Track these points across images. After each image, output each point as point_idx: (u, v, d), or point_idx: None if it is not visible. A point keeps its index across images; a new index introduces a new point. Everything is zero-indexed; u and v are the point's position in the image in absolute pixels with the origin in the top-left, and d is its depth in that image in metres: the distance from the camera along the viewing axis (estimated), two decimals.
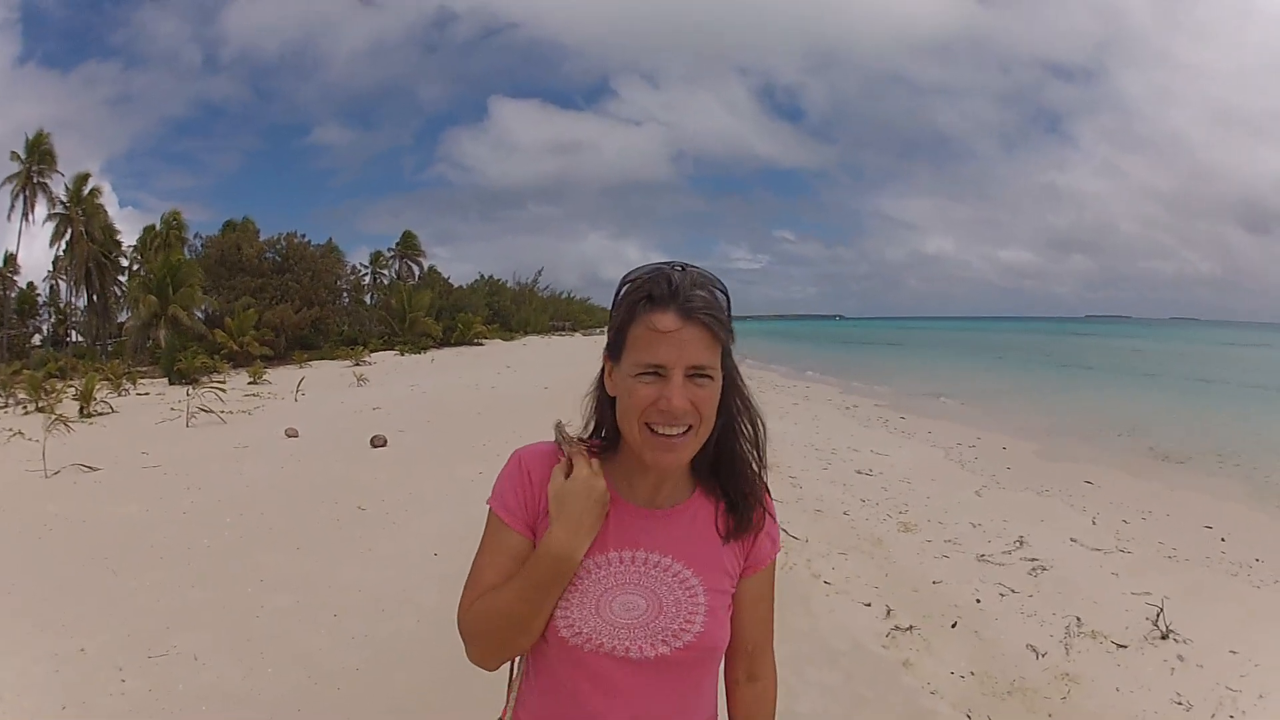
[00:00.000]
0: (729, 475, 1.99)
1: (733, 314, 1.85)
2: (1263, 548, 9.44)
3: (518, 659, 2.01)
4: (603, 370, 1.94)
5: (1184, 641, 6.45)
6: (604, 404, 1.96)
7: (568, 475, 1.88)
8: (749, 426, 2.00)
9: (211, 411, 21.80)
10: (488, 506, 1.98)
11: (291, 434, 17.87)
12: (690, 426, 1.79)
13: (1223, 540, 9.73)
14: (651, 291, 1.79)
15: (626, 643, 1.86)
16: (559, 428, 1.98)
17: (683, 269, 1.84)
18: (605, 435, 1.99)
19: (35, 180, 58.72)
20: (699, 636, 1.89)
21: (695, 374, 1.77)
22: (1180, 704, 5.52)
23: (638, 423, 1.79)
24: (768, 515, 2.06)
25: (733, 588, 1.99)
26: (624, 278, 1.88)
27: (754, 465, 2.01)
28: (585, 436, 2.01)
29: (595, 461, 1.90)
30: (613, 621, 1.87)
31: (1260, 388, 34.39)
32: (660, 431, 1.78)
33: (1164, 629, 6.58)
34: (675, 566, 1.91)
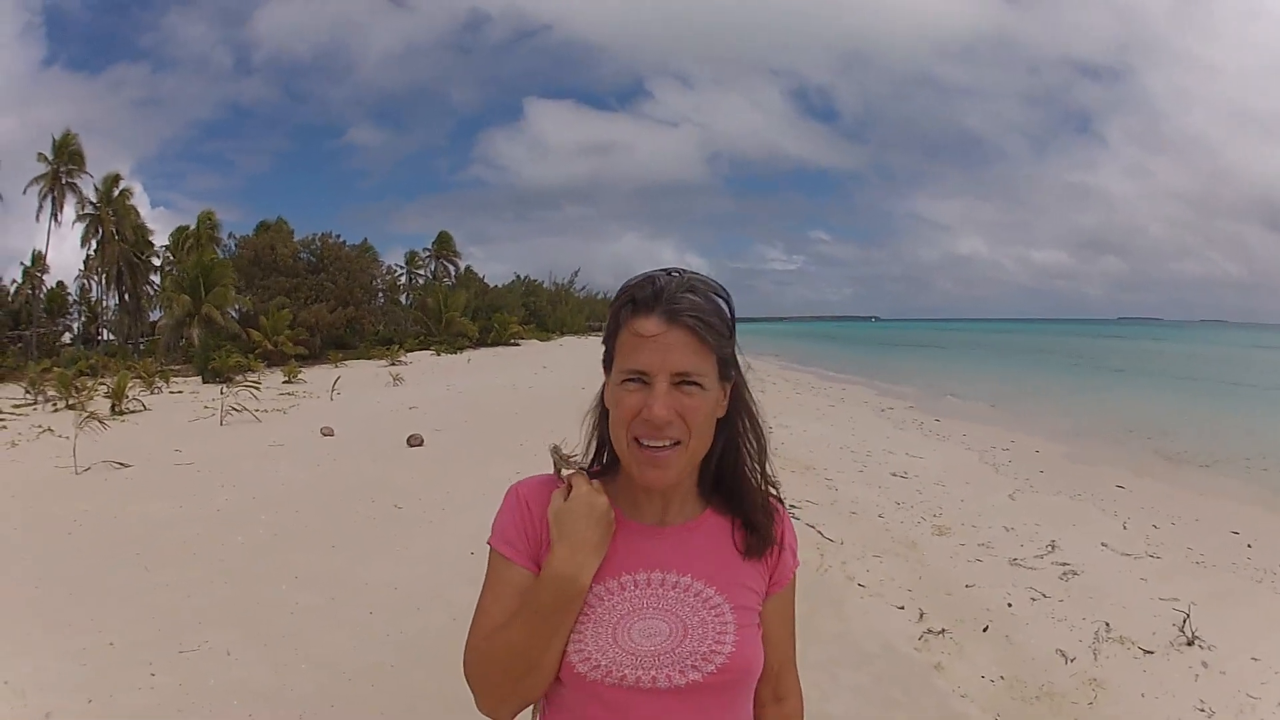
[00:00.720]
0: (736, 497, 1.87)
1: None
2: None
3: (532, 709, 1.85)
4: (603, 384, 1.84)
5: (1208, 648, 6.42)
6: (603, 420, 1.86)
7: (567, 497, 1.76)
8: (753, 444, 1.88)
9: (246, 410, 21.99)
10: (488, 547, 1.85)
11: (327, 433, 18.02)
12: (678, 440, 1.68)
13: (1249, 546, 9.66)
14: (635, 295, 1.71)
15: (653, 672, 1.70)
16: (554, 450, 1.89)
17: (676, 273, 1.74)
18: (606, 456, 1.88)
19: (64, 181, 59.07)
20: (732, 658, 1.74)
21: (682, 381, 1.66)
22: (1203, 710, 5.51)
23: (626, 435, 1.70)
24: (787, 529, 1.93)
25: (759, 605, 1.86)
26: (619, 288, 1.79)
27: (761, 485, 1.89)
28: (587, 460, 1.90)
29: (595, 481, 1.79)
30: (634, 650, 1.71)
31: None
32: (646, 444, 1.68)
33: (1190, 635, 6.55)
34: (696, 585, 1.78)
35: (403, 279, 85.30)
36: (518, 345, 77.75)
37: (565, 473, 1.84)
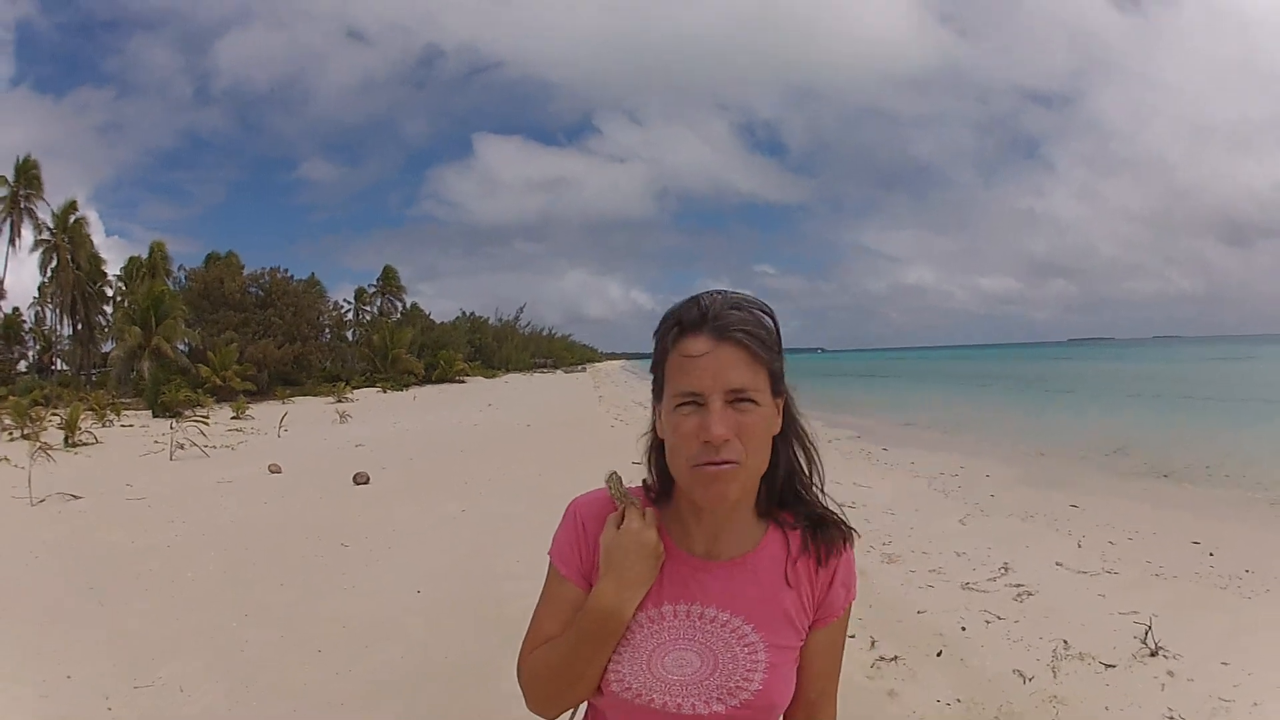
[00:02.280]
0: (797, 506, 1.90)
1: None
2: (1252, 559, 9.49)
3: (579, 707, 1.92)
4: (654, 415, 1.84)
5: (1174, 657, 6.44)
6: (656, 449, 1.86)
7: (619, 527, 1.79)
8: (808, 461, 1.92)
9: (196, 445, 21.91)
10: (548, 556, 1.90)
11: (275, 470, 17.89)
12: (736, 460, 1.66)
13: (1211, 555, 9.77)
14: (682, 318, 1.71)
15: (679, 699, 1.77)
16: (611, 479, 1.86)
17: (719, 293, 1.75)
18: (660, 482, 1.88)
19: (22, 205, 58.99)
20: (758, 695, 1.78)
21: (736, 399, 1.65)
22: (1172, 718, 5.52)
23: (685, 461, 1.67)
24: (844, 560, 1.91)
25: (800, 642, 1.87)
26: (664, 314, 1.79)
27: (817, 495, 1.92)
28: (650, 482, 1.91)
29: (651, 511, 1.81)
30: (664, 678, 1.77)
31: (1244, 400, 34.77)
32: (708, 467, 1.65)
33: (1153, 646, 6.57)
34: (734, 622, 1.80)
35: (349, 315, 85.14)
36: (463, 382, 77.77)
37: (619, 502, 1.84)
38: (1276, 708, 5.63)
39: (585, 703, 1.90)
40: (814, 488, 1.91)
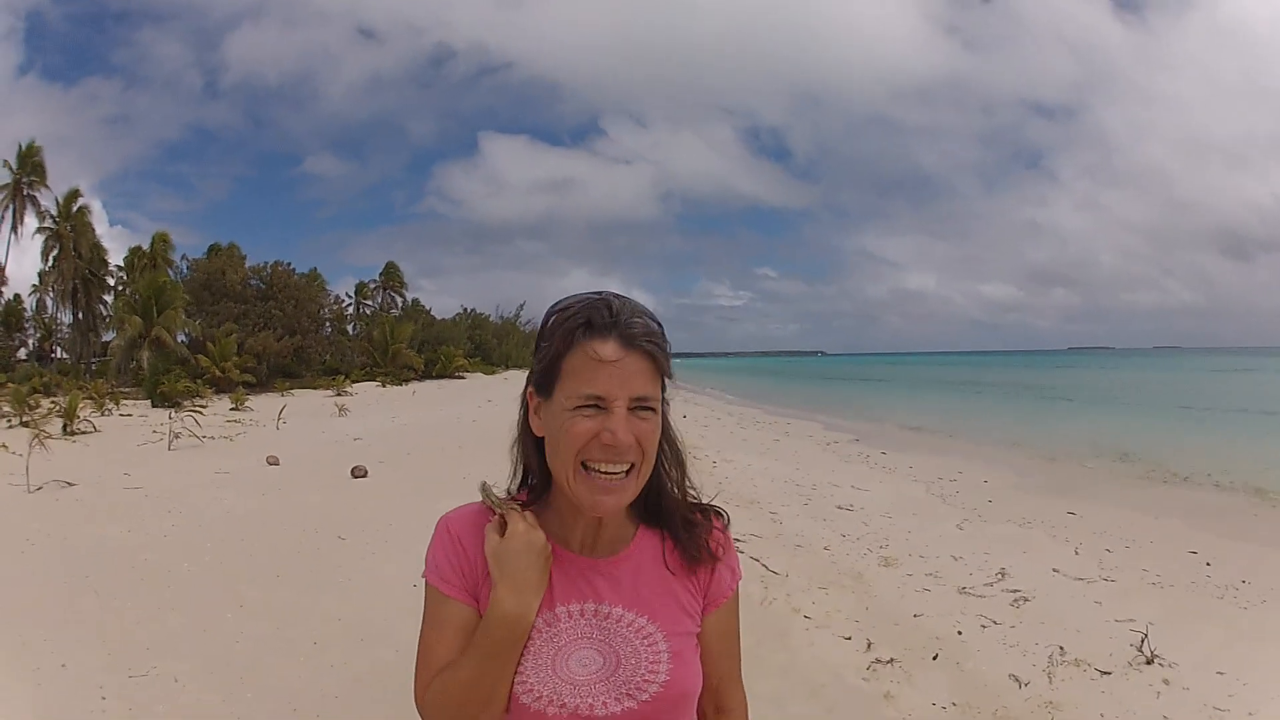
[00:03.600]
0: (664, 514, 1.89)
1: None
2: (1248, 569, 9.51)
3: None
4: (525, 410, 1.85)
5: (1169, 665, 6.46)
6: (530, 447, 1.86)
7: (502, 533, 1.76)
8: (671, 458, 1.89)
9: (194, 436, 21.91)
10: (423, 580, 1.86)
11: (273, 462, 17.86)
12: (633, 465, 1.70)
13: (1208, 565, 9.79)
14: (591, 318, 1.69)
15: (590, 699, 1.74)
16: (484, 488, 1.85)
17: (616, 296, 1.75)
18: (534, 483, 1.88)
19: (25, 192, 58.97)
20: (666, 685, 1.78)
21: (639, 406, 1.68)
22: None
23: (574, 461, 1.68)
24: (721, 545, 1.93)
25: (697, 627, 1.89)
26: (552, 307, 1.78)
27: (685, 499, 1.91)
28: (515, 488, 1.92)
29: (529, 514, 1.79)
30: (571, 680, 1.75)
31: (1241, 411, 34.85)
32: (601, 470, 1.68)
33: (1149, 654, 6.58)
34: (629, 616, 1.81)
35: (350, 309, 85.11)
36: (463, 378, 77.72)
37: (496, 508, 1.81)
38: (1271, 717, 5.64)
39: None
40: (676, 486, 1.90)
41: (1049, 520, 12.38)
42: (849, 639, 7.23)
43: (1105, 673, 6.40)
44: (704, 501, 1.96)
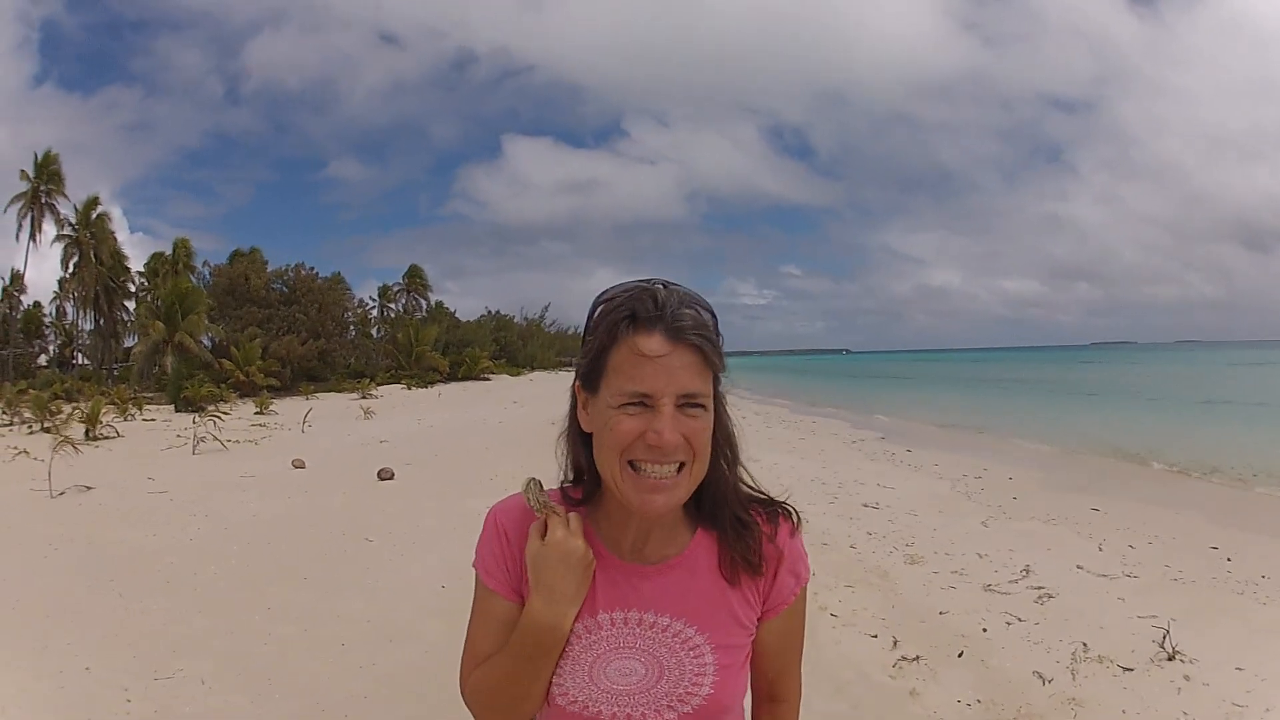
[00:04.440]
0: (720, 514, 1.77)
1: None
2: (1269, 565, 9.48)
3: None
4: (574, 405, 1.76)
5: (1190, 661, 6.45)
6: (578, 444, 1.77)
7: (543, 537, 1.69)
8: (732, 458, 1.79)
9: (218, 440, 22.05)
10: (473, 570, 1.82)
11: (298, 465, 17.98)
12: (683, 463, 1.60)
13: (1229, 560, 9.77)
14: (635, 310, 1.60)
15: (628, 709, 1.71)
16: (529, 486, 1.75)
17: (667, 285, 1.65)
18: (585, 481, 1.79)
19: (43, 201, 59.33)
20: (709, 699, 1.72)
21: (687, 403, 1.58)
22: None
23: (620, 461, 1.59)
24: (787, 547, 1.83)
25: (749, 639, 1.80)
26: (598, 298, 1.69)
27: (744, 498, 1.81)
28: (566, 485, 1.84)
29: (575, 517, 1.72)
30: (609, 689, 1.71)
31: (1262, 405, 34.68)
32: (648, 471, 1.59)
33: (1170, 650, 6.57)
34: (675, 625, 1.73)
35: (374, 312, 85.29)
36: (488, 380, 77.63)
37: (537, 511, 1.73)
38: None
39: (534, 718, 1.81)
40: (741, 486, 1.81)
41: (1073, 517, 12.34)
42: (875, 636, 7.22)
43: (1128, 669, 6.39)
44: (772, 498, 1.88)
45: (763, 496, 1.86)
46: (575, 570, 1.68)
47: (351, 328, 74.40)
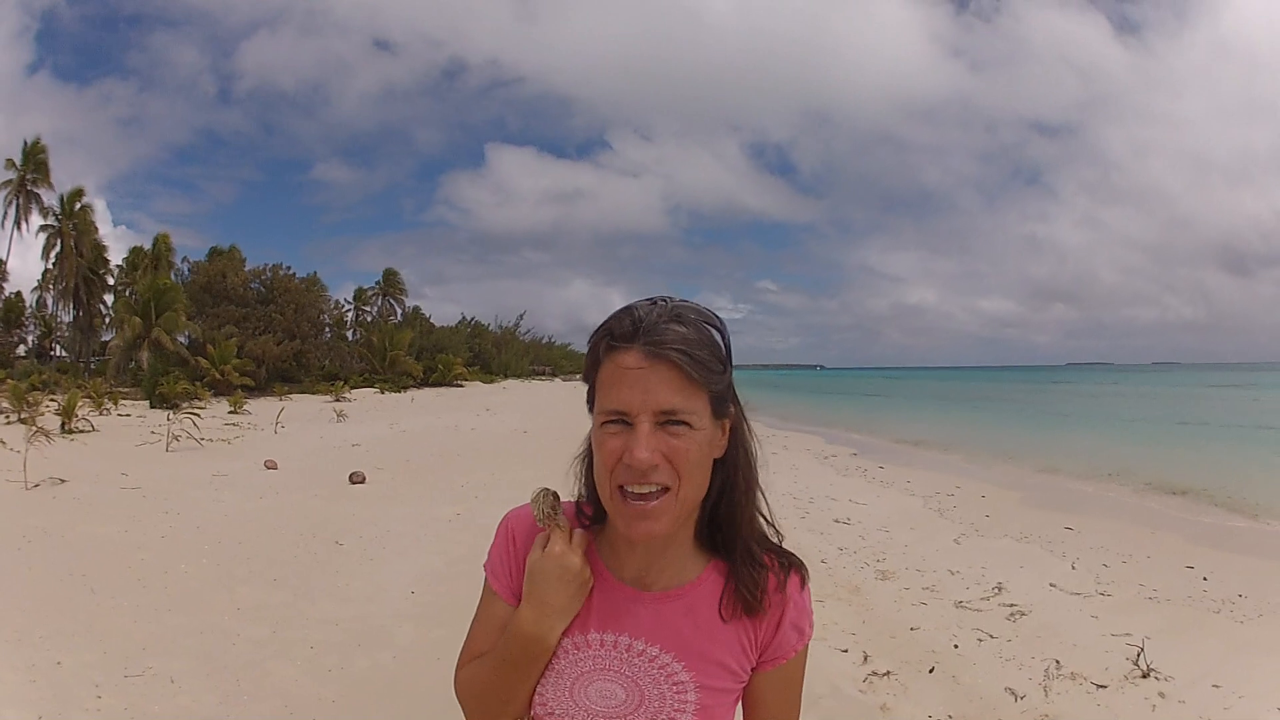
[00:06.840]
0: (732, 543, 1.73)
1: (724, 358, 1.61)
2: (1245, 584, 9.53)
3: None
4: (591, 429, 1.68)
5: (1165, 679, 6.47)
6: (589, 465, 1.72)
7: (545, 549, 1.68)
8: (748, 486, 1.76)
9: (191, 438, 22.02)
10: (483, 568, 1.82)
11: (271, 466, 17.95)
12: (666, 487, 1.54)
13: (1205, 579, 9.80)
14: (613, 329, 1.57)
15: None
16: (538, 497, 1.71)
17: (661, 301, 1.60)
18: (595, 502, 1.72)
19: (29, 189, 59.14)
20: None
21: (668, 420, 1.52)
22: None
23: (610, 485, 1.56)
24: (794, 598, 1.77)
25: (738, 685, 1.75)
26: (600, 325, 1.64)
27: (760, 534, 1.78)
28: (582, 500, 1.78)
29: (580, 533, 1.70)
30: (588, 708, 1.70)
31: (1240, 426, 34.86)
32: (632, 493, 1.54)
33: (1145, 668, 6.59)
34: (663, 658, 1.69)
35: (350, 315, 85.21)
36: (461, 387, 77.73)
37: (541, 523, 1.71)
38: None
39: None
40: (757, 518, 1.78)
41: (1046, 535, 12.39)
42: (846, 651, 7.22)
43: (1101, 686, 6.41)
44: (786, 550, 1.82)
45: (777, 546, 1.81)
46: (569, 585, 1.66)
47: (327, 330, 74.30)
